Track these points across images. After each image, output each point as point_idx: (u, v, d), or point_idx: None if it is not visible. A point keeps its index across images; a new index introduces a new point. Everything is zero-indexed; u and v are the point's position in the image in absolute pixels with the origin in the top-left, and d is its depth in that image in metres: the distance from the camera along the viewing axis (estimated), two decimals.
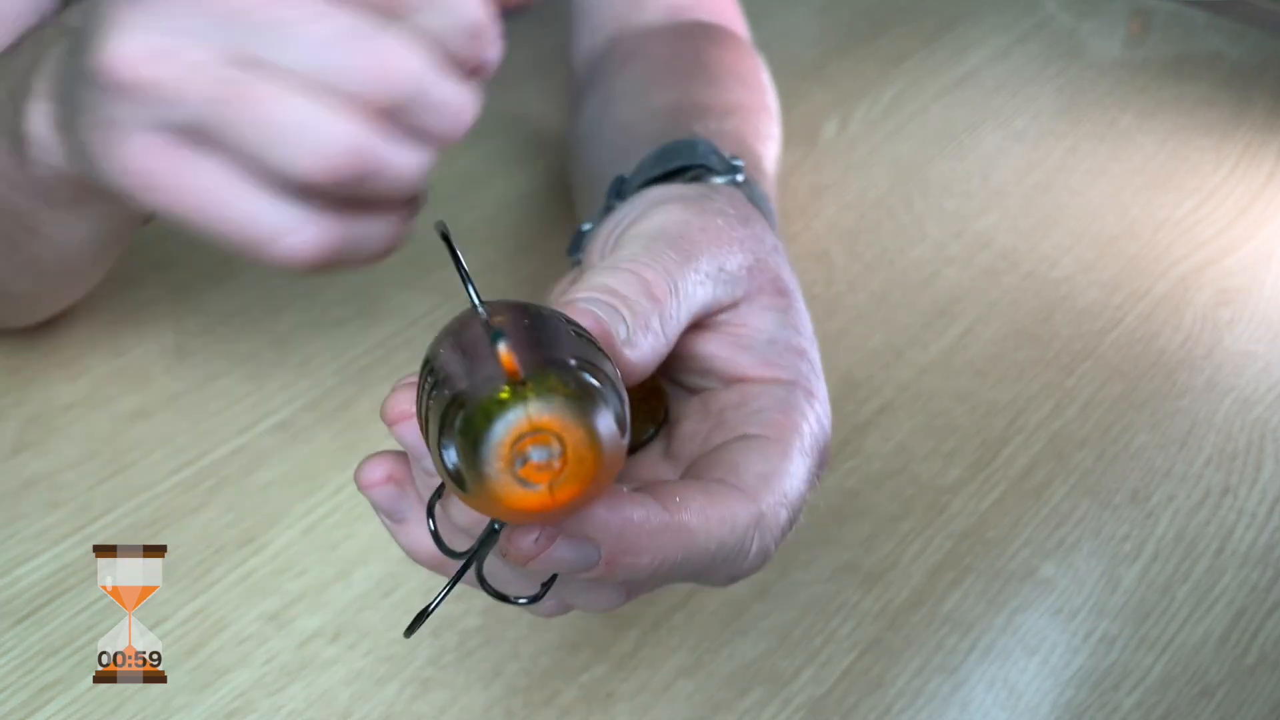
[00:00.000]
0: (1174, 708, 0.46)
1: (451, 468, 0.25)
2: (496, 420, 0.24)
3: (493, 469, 0.24)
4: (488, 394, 0.24)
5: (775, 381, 0.35)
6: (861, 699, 0.45)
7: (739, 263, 0.36)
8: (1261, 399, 0.57)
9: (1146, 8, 0.84)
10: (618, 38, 0.63)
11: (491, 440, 0.24)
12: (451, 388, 0.25)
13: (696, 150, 0.44)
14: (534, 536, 0.28)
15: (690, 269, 0.34)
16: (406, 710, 0.44)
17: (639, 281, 0.33)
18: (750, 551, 0.32)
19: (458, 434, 0.25)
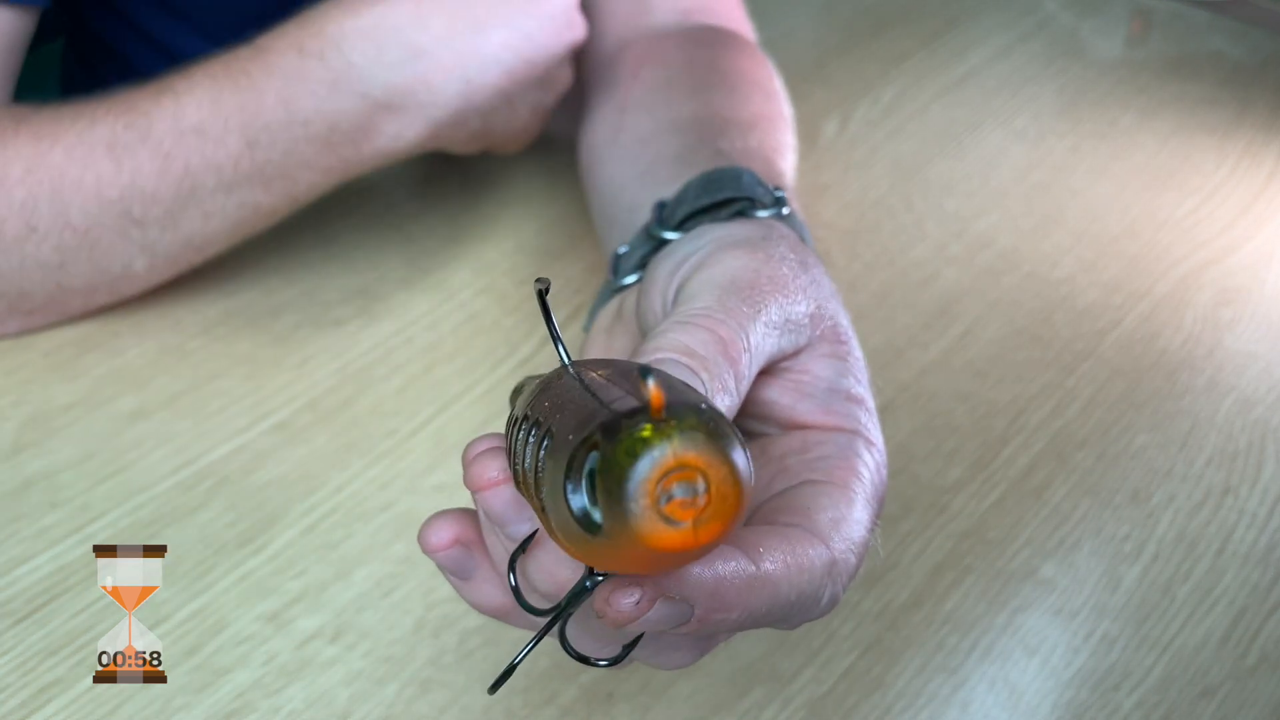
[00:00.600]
0: (1175, 708, 0.46)
1: (579, 513, 0.24)
2: (643, 456, 0.24)
3: (638, 505, 0.24)
4: (631, 431, 0.24)
5: (836, 429, 0.35)
6: (862, 699, 0.45)
7: (803, 311, 0.35)
8: (1262, 399, 0.57)
9: (1147, 7, 0.84)
10: (627, 42, 0.63)
11: (638, 476, 0.23)
12: (578, 433, 0.25)
13: (742, 182, 0.43)
14: (635, 598, 0.27)
15: (761, 321, 0.34)
16: (406, 711, 0.44)
17: (716, 341, 0.32)
18: (824, 598, 0.31)
19: (597, 474, 0.24)
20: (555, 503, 0.25)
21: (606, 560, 0.25)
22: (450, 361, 0.57)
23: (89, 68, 0.82)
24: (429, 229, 0.64)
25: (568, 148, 0.68)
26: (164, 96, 0.52)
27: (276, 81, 0.52)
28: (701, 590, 0.28)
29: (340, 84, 0.52)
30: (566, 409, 0.27)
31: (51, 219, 0.51)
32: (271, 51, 0.53)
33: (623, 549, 0.24)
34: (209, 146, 0.52)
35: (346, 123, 0.53)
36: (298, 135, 0.53)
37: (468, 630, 0.46)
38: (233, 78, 0.52)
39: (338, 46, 0.52)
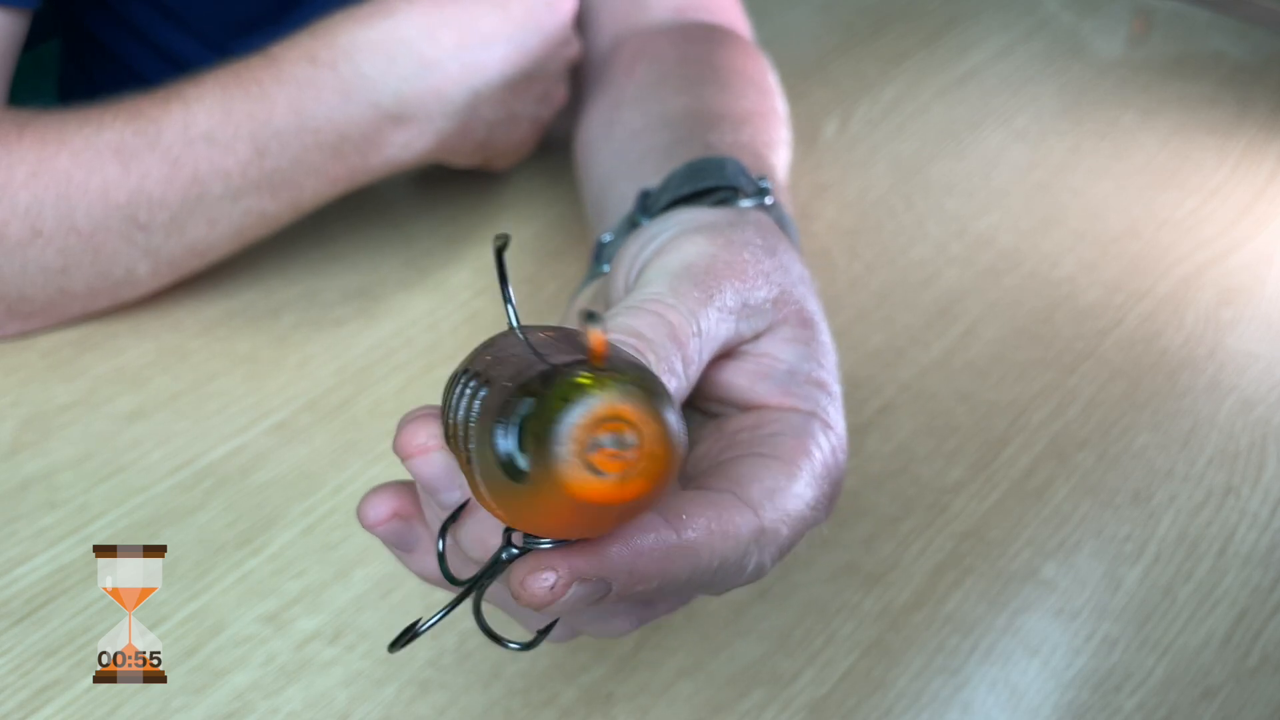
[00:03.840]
0: (1176, 709, 0.45)
1: (504, 456, 0.24)
2: (577, 401, 0.23)
3: (565, 450, 0.23)
4: (567, 377, 0.23)
5: (793, 410, 0.35)
6: (862, 700, 0.45)
7: (764, 295, 0.35)
8: (1264, 399, 0.57)
9: (1148, 6, 0.84)
10: (622, 39, 0.63)
11: (569, 420, 0.23)
12: (515, 380, 0.24)
13: (725, 171, 0.43)
14: (549, 582, 0.27)
15: (714, 307, 0.34)
16: (405, 711, 0.44)
17: (664, 324, 0.32)
18: (748, 566, 0.31)
19: (527, 418, 0.23)
20: (482, 450, 0.24)
21: (528, 515, 0.25)
22: (450, 361, 0.57)
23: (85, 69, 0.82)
24: (429, 229, 0.64)
25: (567, 149, 0.68)
26: (173, 103, 0.53)
27: (288, 90, 0.53)
28: (619, 568, 0.28)
29: (352, 94, 0.53)
30: (507, 362, 0.26)
31: (57, 223, 0.51)
32: (284, 60, 0.53)
33: (545, 499, 0.24)
34: (218, 153, 0.52)
35: (356, 132, 0.54)
36: (308, 144, 0.53)
37: (467, 631, 0.46)
38: (243, 85, 0.53)
39: (350, 57, 0.53)
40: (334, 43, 0.53)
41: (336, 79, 0.53)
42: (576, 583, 0.27)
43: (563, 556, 0.27)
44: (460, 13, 0.55)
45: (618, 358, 0.25)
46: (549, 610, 0.27)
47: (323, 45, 0.53)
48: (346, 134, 0.54)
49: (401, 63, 0.54)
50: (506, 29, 0.56)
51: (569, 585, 0.27)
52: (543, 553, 0.27)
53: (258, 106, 0.52)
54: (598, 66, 0.64)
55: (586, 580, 0.27)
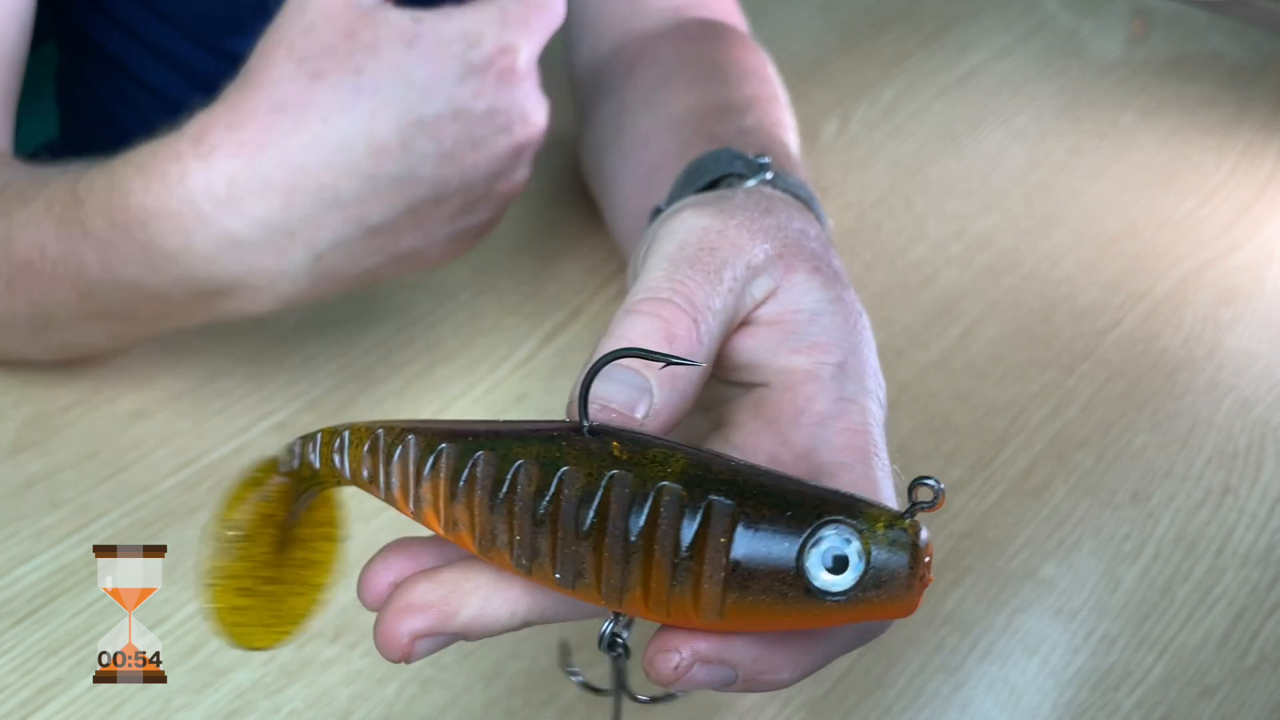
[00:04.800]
0: (1174, 708, 0.46)
1: (820, 581, 0.26)
2: (922, 535, 0.26)
3: (915, 574, 0.26)
4: (900, 518, 0.26)
5: (822, 369, 0.33)
6: (862, 699, 0.45)
7: (765, 252, 0.34)
8: (1262, 399, 0.57)
9: (1147, 7, 0.84)
10: (621, 44, 0.63)
11: (921, 544, 0.26)
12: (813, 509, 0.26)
13: (719, 161, 0.43)
14: (674, 664, 0.28)
15: (714, 283, 0.32)
16: (406, 710, 0.44)
17: (661, 326, 0.31)
18: (884, 626, 0.31)
19: (888, 545, 0.26)
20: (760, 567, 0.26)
21: (752, 621, 0.27)
22: (450, 361, 0.57)
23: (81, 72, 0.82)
24: None
25: (569, 147, 0.68)
26: (2, 223, 0.47)
27: (94, 245, 0.44)
28: (743, 657, 0.28)
29: (155, 264, 0.44)
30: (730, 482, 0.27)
31: None
32: (87, 208, 0.44)
33: (840, 614, 0.26)
34: (46, 284, 0.47)
35: (176, 298, 0.45)
36: (128, 297, 0.46)
37: None
38: (57, 225, 0.45)
39: (144, 226, 0.43)
40: (126, 204, 0.43)
41: (135, 246, 0.43)
42: (700, 664, 0.28)
43: (686, 639, 0.28)
44: (291, 146, 0.42)
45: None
46: (678, 688, 0.28)
47: (118, 205, 0.43)
48: (166, 295, 0.45)
49: (200, 242, 0.42)
50: (365, 162, 0.43)
51: (690, 667, 0.28)
52: (669, 632, 0.28)
53: (71, 253, 0.45)
54: (597, 73, 0.63)
55: (709, 663, 0.28)
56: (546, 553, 0.28)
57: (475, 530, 0.29)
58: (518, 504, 0.29)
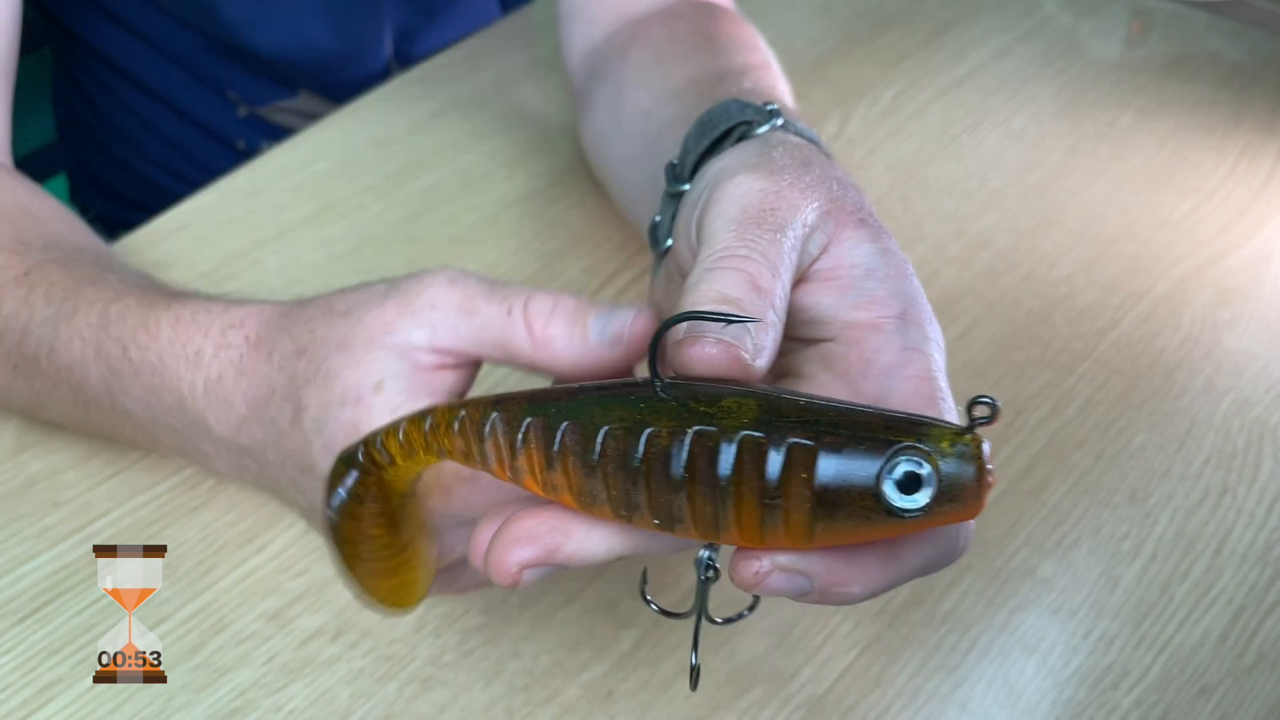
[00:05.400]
0: (1173, 707, 0.46)
1: (902, 499, 0.29)
2: (980, 445, 0.29)
3: (987, 476, 0.29)
4: (956, 429, 0.29)
5: (883, 323, 0.35)
6: (861, 698, 0.45)
7: (817, 209, 0.36)
8: (1260, 399, 0.57)
9: (1146, 8, 0.84)
10: (613, 30, 0.63)
11: (986, 454, 0.29)
12: (886, 428, 0.29)
13: (730, 112, 0.44)
14: (755, 569, 0.31)
15: (782, 240, 0.34)
16: (407, 709, 0.44)
17: (745, 279, 0.33)
18: (958, 546, 0.32)
19: (956, 460, 0.29)
20: (848, 489, 0.29)
21: (841, 536, 0.30)
22: None
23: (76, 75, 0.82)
24: (430, 229, 0.64)
25: (569, 147, 0.68)
26: (23, 310, 0.47)
27: (101, 365, 0.45)
28: (817, 568, 0.30)
29: (154, 407, 0.45)
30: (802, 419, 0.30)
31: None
32: (110, 328, 0.45)
33: (923, 522, 0.29)
34: (47, 385, 0.47)
35: (167, 438, 0.45)
36: (124, 422, 0.46)
37: (469, 629, 0.46)
38: (72, 332, 0.46)
39: (155, 372, 0.44)
40: (148, 343, 0.44)
41: (142, 388, 0.44)
42: (778, 572, 0.30)
43: (770, 552, 0.31)
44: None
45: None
46: (761, 592, 0.31)
47: (139, 340, 0.44)
48: (158, 435, 0.45)
49: (189, 408, 0.43)
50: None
51: (768, 574, 0.31)
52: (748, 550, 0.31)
53: (75, 363, 0.46)
54: (592, 59, 0.64)
55: (786, 571, 0.30)
56: (644, 504, 0.31)
57: (574, 492, 0.31)
58: (610, 466, 0.31)
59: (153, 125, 0.81)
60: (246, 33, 0.74)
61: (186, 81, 0.79)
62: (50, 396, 0.48)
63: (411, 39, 0.81)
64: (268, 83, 0.79)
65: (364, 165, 0.67)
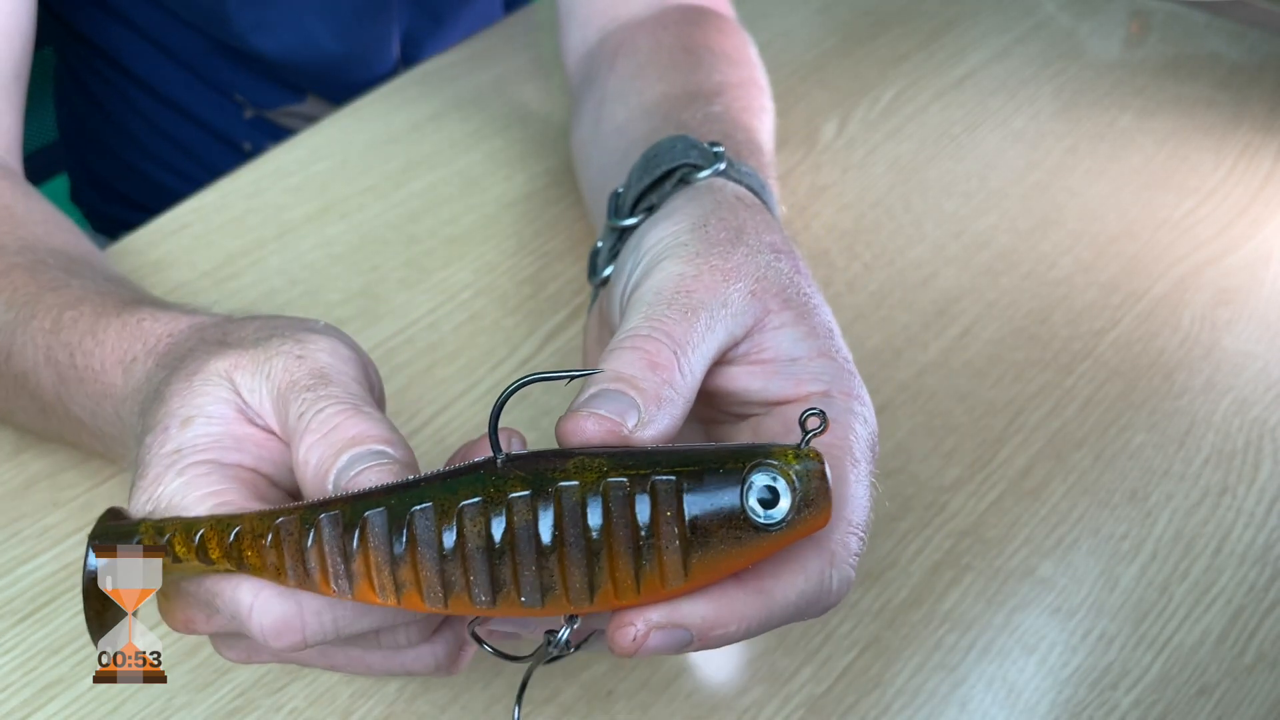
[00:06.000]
0: (1172, 706, 0.46)
1: (764, 512, 0.31)
2: (818, 460, 0.31)
3: (826, 498, 0.31)
4: (794, 447, 0.31)
5: (809, 397, 0.36)
6: (861, 698, 0.45)
7: (741, 290, 0.36)
8: (1260, 399, 0.57)
9: (1146, 8, 0.84)
10: (607, 33, 0.63)
11: (822, 469, 0.31)
12: (734, 460, 0.31)
13: (675, 151, 0.44)
14: (632, 634, 0.31)
15: (692, 320, 0.35)
16: (407, 709, 0.44)
17: (641, 357, 0.34)
18: (832, 589, 0.33)
19: (795, 478, 0.31)
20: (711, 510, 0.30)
21: (712, 569, 0.31)
22: (450, 361, 0.57)
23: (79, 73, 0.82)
24: (429, 229, 0.64)
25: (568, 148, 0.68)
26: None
27: (51, 372, 0.44)
28: (694, 617, 0.31)
29: (97, 414, 0.43)
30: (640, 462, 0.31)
31: None
32: (60, 334, 0.44)
33: (775, 541, 0.31)
34: (9, 389, 0.47)
35: (116, 449, 0.44)
36: (80, 430, 0.45)
37: None
38: (26, 337, 0.45)
39: (97, 378, 0.43)
40: (94, 349, 0.42)
41: (86, 396, 0.43)
42: (656, 631, 0.31)
43: (638, 612, 0.31)
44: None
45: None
46: (637, 656, 0.31)
47: (87, 347, 0.43)
48: (109, 443, 0.44)
49: (128, 423, 0.41)
50: None
51: (647, 635, 0.31)
52: (625, 610, 0.31)
53: (30, 369, 0.45)
54: (585, 65, 0.64)
55: (663, 628, 0.31)
56: (509, 580, 0.31)
57: (424, 586, 0.31)
58: (469, 546, 0.30)
59: (158, 126, 0.81)
60: (255, 38, 0.74)
61: (193, 83, 0.79)
62: (14, 402, 0.48)
63: (418, 44, 0.81)
64: (275, 87, 0.79)
65: (364, 165, 0.67)
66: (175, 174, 0.82)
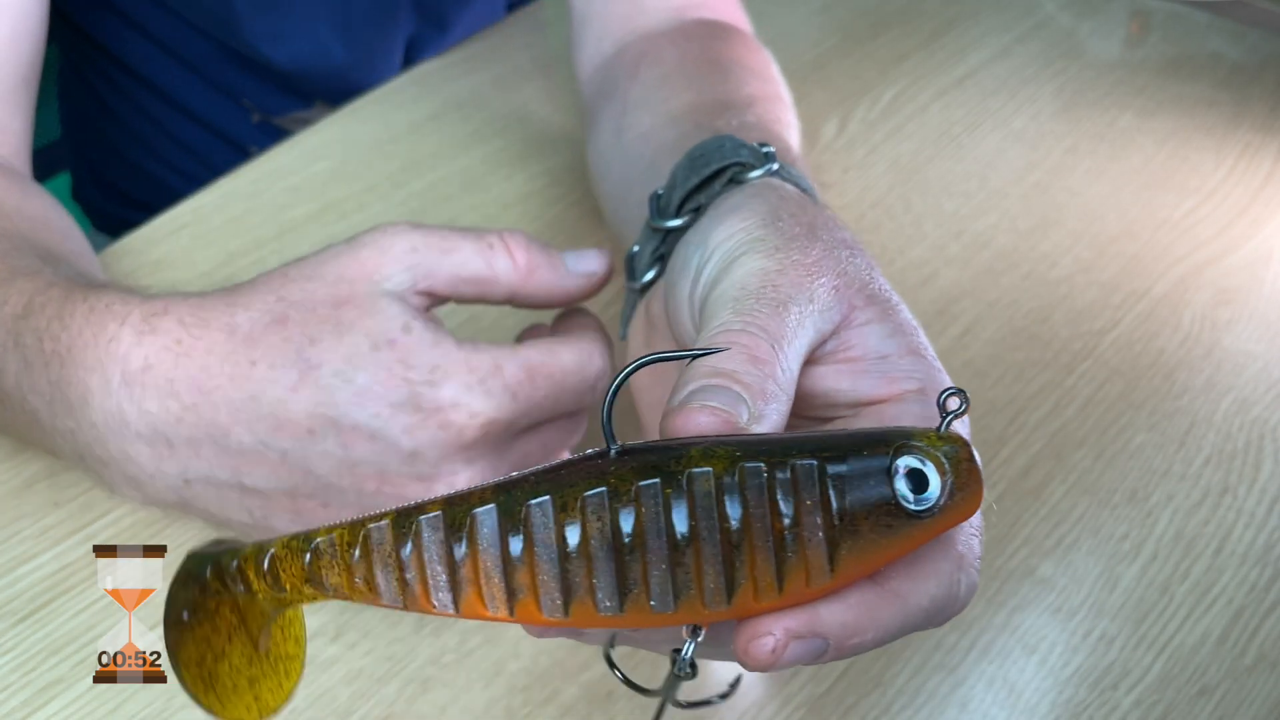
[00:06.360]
0: (1173, 707, 0.46)
1: (914, 497, 0.28)
2: (965, 442, 0.29)
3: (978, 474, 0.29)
4: (933, 430, 0.29)
5: (904, 395, 0.34)
6: (861, 698, 0.45)
7: (826, 286, 0.35)
8: (1260, 399, 0.57)
9: (1146, 8, 0.84)
10: (624, 44, 0.63)
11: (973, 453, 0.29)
12: (873, 447, 0.28)
13: (724, 149, 0.43)
14: (771, 644, 0.28)
15: (784, 314, 0.33)
16: (407, 709, 0.44)
17: (740, 351, 0.32)
18: (960, 593, 0.31)
19: (953, 462, 0.28)
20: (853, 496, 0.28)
21: (860, 561, 0.28)
22: None
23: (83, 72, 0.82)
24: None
25: (569, 147, 0.68)
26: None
27: (17, 358, 0.43)
28: (833, 624, 0.29)
29: (54, 405, 0.42)
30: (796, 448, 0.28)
31: None
32: (30, 319, 0.43)
33: (935, 525, 0.28)
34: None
35: (63, 447, 0.43)
36: (32, 425, 0.44)
37: (468, 629, 0.46)
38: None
39: (61, 364, 0.41)
40: (60, 333, 0.41)
41: (48, 382, 0.42)
42: (794, 641, 0.28)
43: (774, 619, 0.28)
44: (211, 369, 0.40)
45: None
46: (772, 670, 0.29)
47: (54, 330, 0.41)
48: (53, 440, 0.43)
49: (93, 406, 0.41)
50: (264, 425, 0.39)
51: (785, 645, 0.28)
52: (751, 621, 0.29)
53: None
54: (601, 74, 0.63)
55: (802, 638, 0.29)
56: (639, 581, 0.28)
57: (542, 592, 0.28)
58: (593, 542, 0.27)
59: (164, 127, 0.81)
60: (266, 46, 0.74)
61: (201, 87, 0.79)
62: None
63: (422, 49, 0.81)
64: (283, 94, 0.79)
65: (364, 165, 0.67)
66: (180, 175, 0.82)
